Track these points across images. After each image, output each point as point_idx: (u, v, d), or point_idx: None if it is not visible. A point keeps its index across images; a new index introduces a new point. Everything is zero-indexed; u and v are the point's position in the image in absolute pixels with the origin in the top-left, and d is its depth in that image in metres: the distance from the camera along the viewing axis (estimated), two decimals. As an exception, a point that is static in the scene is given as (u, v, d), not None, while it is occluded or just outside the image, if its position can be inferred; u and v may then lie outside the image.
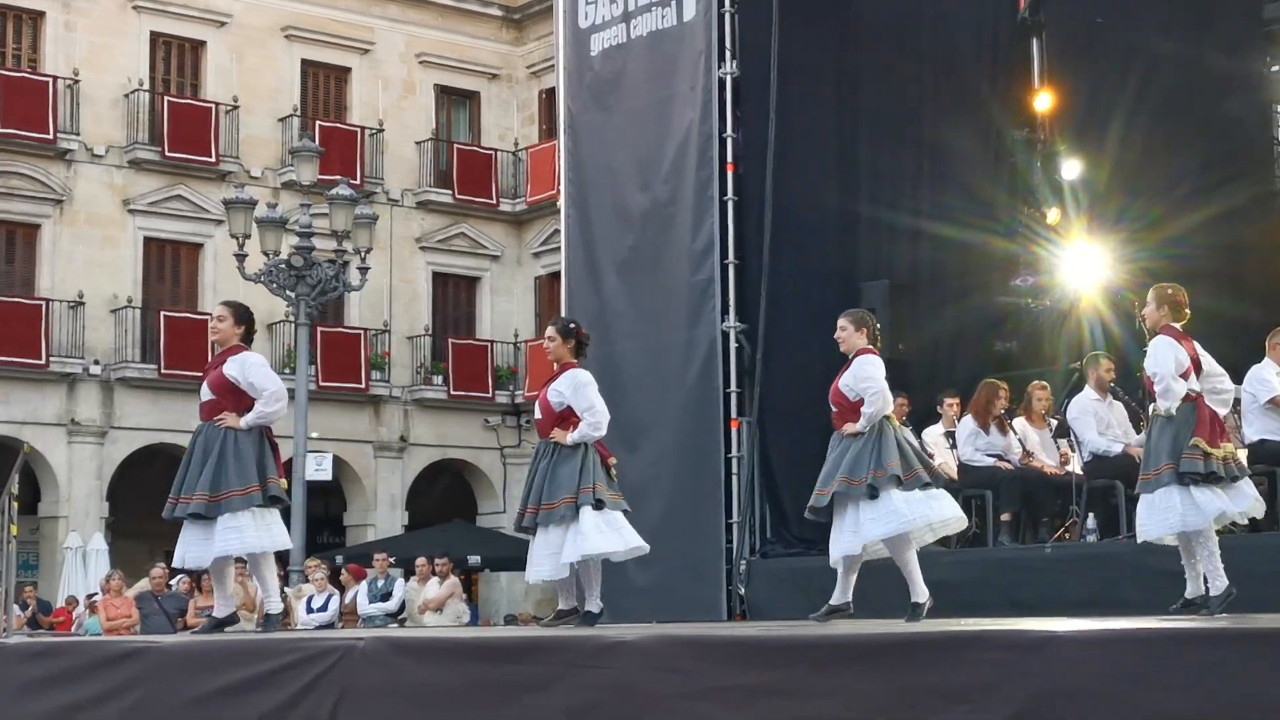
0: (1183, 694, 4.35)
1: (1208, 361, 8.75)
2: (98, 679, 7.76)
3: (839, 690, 5.08)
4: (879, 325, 13.94)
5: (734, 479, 13.89)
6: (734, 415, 13.95)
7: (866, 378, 9.01)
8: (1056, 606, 9.40)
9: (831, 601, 8.97)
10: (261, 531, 8.86)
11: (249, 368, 8.90)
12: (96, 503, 26.56)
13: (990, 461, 12.55)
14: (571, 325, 9.59)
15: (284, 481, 9.06)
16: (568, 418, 9.14)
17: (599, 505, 8.98)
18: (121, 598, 18.29)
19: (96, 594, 20.79)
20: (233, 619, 9.29)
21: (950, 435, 13.55)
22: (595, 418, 9.13)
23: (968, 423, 12.67)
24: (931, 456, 13.28)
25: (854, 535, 8.86)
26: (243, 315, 9.18)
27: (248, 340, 9.13)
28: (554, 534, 9.02)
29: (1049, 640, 4.78)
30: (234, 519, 8.73)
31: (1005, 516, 12.30)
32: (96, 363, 26.66)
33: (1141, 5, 14.39)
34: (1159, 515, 8.56)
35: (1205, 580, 8.55)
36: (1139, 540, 8.72)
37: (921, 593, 8.78)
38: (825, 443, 9.15)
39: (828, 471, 8.95)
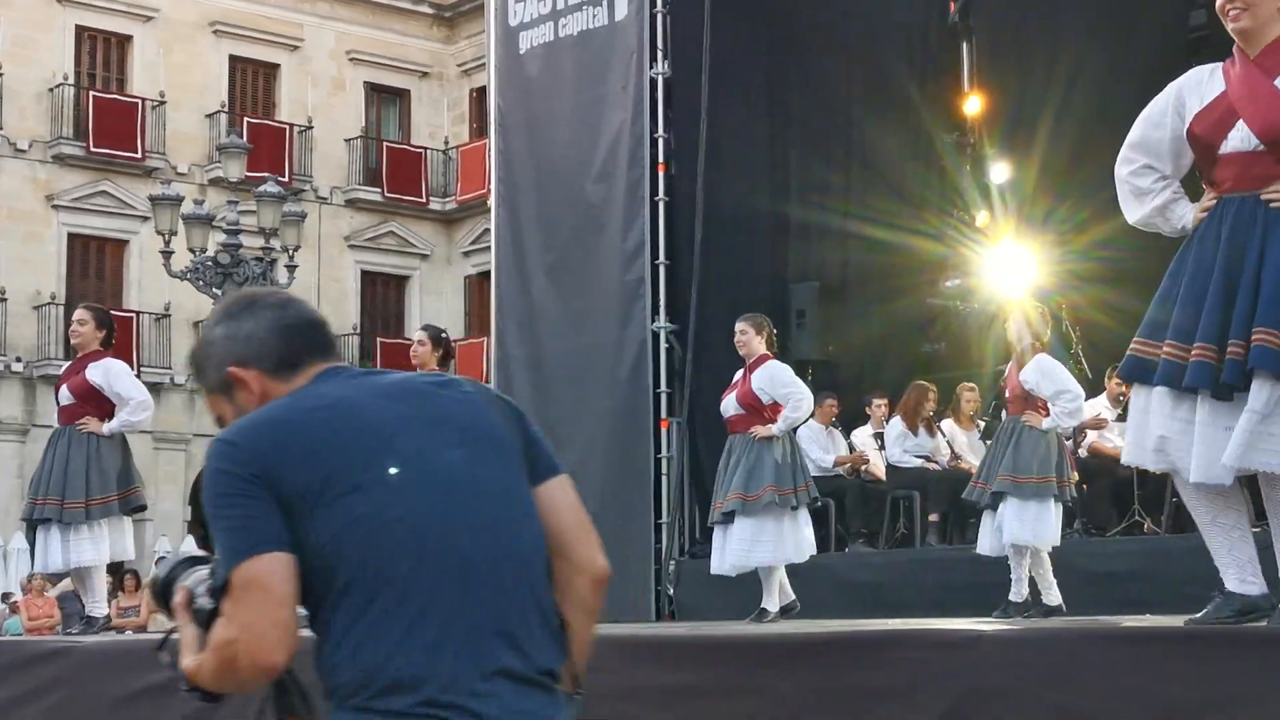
0: (1104, 693, 4.38)
1: None
2: (20, 679, 7.67)
3: (766, 690, 5.09)
4: (804, 326, 14.00)
5: (664, 479, 13.89)
6: (664, 416, 13.94)
7: (788, 384, 9.15)
8: (982, 607, 9.46)
9: (769, 605, 9.07)
10: (115, 540, 8.91)
11: (114, 376, 8.89)
12: (17, 502, 26.18)
13: (918, 463, 12.64)
14: (443, 334, 9.69)
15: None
16: None
17: None
18: (43, 598, 18.10)
19: (15, 594, 20.56)
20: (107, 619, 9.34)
21: (879, 436, 13.64)
22: None
23: (896, 424, 12.75)
24: (866, 461, 13.43)
25: (791, 544, 9.03)
26: (104, 320, 9.16)
27: (108, 345, 9.09)
28: None
29: (975, 640, 4.81)
30: (92, 529, 8.72)
31: (933, 517, 12.38)
32: (19, 359, 26.35)
33: (1068, 10, 14.50)
34: (1034, 525, 8.82)
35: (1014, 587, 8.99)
36: (1008, 544, 8.88)
37: (774, 601, 9.04)
38: (755, 443, 9.23)
39: (747, 476, 9.04)
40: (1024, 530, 8.81)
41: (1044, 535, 8.82)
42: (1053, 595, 8.86)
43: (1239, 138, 4.71)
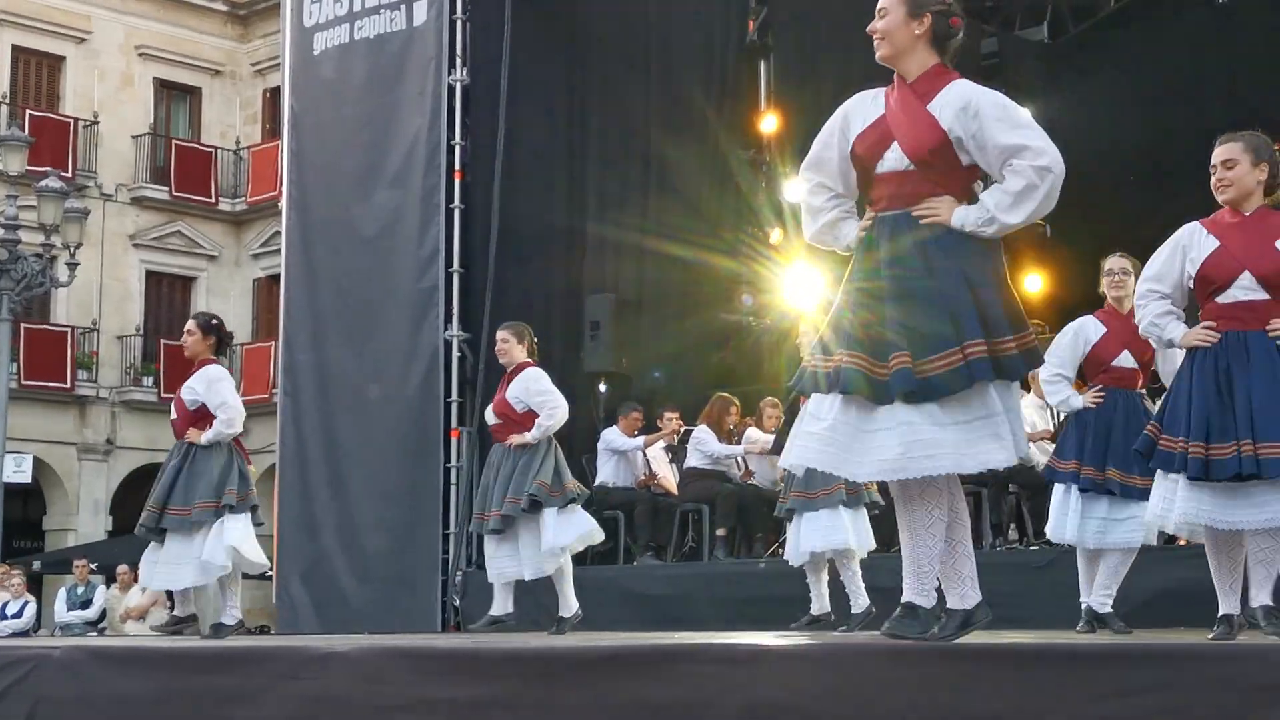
0: (886, 708, 4.42)
1: None
2: None
3: (550, 704, 5.04)
4: (598, 337, 13.97)
5: (453, 489, 13.79)
6: (455, 425, 13.85)
7: (542, 391, 9.12)
8: (769, 621, 9.55)
9: (495, 613, 9.23)
10: None
11: None
12: None
13: (721, 469, 12.77)
14: (214, 321, 9.51)
15: None
16: (206, 416, 8.97)
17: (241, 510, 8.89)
18: None
19: None
20: None
21: (670, 450, 13.71)
22: (229, 414, 8.96)
23: (705, 431, 12.82)
24: (654, 475, 13.47)
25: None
26: None
27: None
28: (185, 541, 8.76)
29: (759, 654, 4.82)
30: None
31: (721, 531, 12.47)
32: None
33: (863, 30, 14.76)
34: (825, 532, 9.04)
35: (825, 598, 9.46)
36: (819, 551, 9.19)
37: (571, 607, 9.04)
38: (546, 454, 9.20)
39: (506, 486, 9.00)
40: (817, 539, 9.07)
41: (836, 541, 9.05)
42: (860, 602, 9.11)
43: (894, 158, 5.03)
